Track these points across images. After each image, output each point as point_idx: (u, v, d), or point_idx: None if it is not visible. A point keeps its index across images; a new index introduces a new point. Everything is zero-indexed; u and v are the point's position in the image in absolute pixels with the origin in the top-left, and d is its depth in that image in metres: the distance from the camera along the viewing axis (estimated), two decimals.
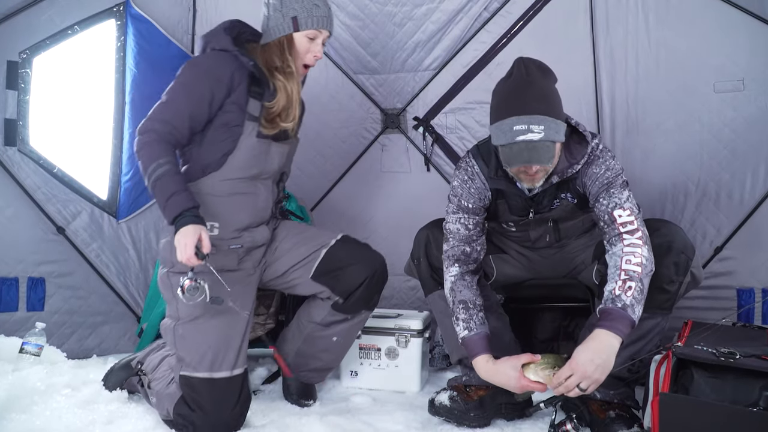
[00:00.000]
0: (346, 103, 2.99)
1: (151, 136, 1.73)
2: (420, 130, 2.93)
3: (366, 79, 2.97)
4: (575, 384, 1.55)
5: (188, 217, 1.67)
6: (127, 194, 2.72)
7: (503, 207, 1.95)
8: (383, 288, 2.07)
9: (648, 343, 1.77)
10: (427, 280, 2.00)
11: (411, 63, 2.91)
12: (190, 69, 1.82)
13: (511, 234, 2.05)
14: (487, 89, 2.74)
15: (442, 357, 2.56)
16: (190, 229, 1.65)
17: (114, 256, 2.71)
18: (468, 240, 1.90)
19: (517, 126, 1.63)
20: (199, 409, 1.73)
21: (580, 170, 1.80)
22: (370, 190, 2.98)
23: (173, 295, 1.78)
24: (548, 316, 2.41)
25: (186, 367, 1.78)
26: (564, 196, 1.87)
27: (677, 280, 1.73)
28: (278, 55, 1.87)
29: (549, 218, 1.93)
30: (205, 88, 1.77)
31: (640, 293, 1.59)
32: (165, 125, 1.74)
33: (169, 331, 1.84)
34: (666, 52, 2.54)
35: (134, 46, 2.70)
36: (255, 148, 1.85)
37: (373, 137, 3.01)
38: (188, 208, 1.68)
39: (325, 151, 3.01)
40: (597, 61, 2.66)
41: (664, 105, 2.56)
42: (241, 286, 1.87)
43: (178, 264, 1.71)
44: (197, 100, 1.77)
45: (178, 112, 1.76)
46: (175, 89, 1.79)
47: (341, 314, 2.02)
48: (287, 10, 1.84)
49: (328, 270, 1.96)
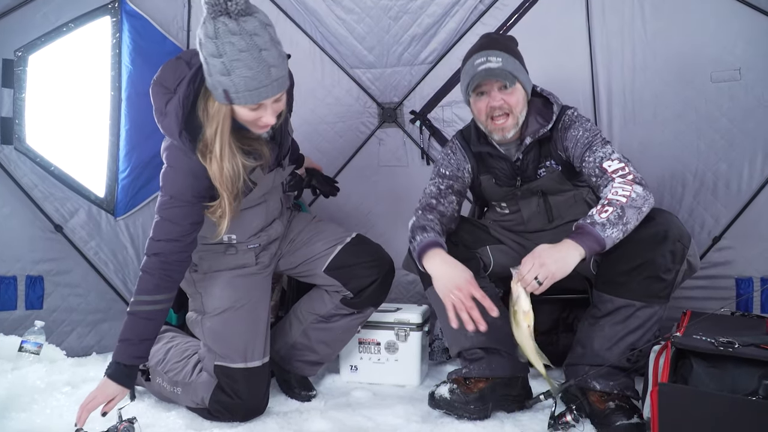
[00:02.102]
0: (343, 97, 2.98)
1: (154, 263, 1.70)
2: (417, 123, 2.92)
3: (362, 73, 2.96)
4: (530, 268, 1.59)
5: (120, 371, 1.67)
6: (125, 191, 2.71)
7: (489, 182, 2.03)
8: (390, 287, 2.11)
9: (646, 332, 1.76)
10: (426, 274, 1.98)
11: (407, 57, 2.89)
12: (168, 180, 1.71)
13: (506, 220, 2.06)
14: None
15: (442, 350, 2.56)
16: (110, 386, 1.67)
17: (112, 254, 2.70)
18: (437, 196, 2.01)
19: (477, 60, 1.87)
20: (236, 396, 1.83)
21: (556, 135, 1.92)
22: (367, 185, 2.98)
23: (196, 290, 1.92)
24: (547, 309, 2.40)
25: (221, 358, 1.87)
26: (548, 163, 1.95)
27: (674, 269, 1.73)
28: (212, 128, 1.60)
29: (537, 189, 1.99)
30: (189, 192, 1.68)
31: (618, 218, 1.63)
32: (169, 244, 1.70)
33: (197, 324, 1.94)
34: (662, 43, 2.53)
35: (130, 43, 2.69)
36: (262, 185, 1.87)
37: (370, 131, 3.00)
38: (125, 363, 1.68)
39: (322, 146, 3.00)
40: (593, 53, 2.64)
41: (661, 95, 2.54)
42: (260, 278, 1.97)
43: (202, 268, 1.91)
44: (189, 206, 1.70)
45: (177, 225, 1.70)
46: (166, 203, 1.70)
47: (348, 309, 2.04)
48: (215, 82, 1.51)
49: (341, 265, 2.00)
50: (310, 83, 2.92)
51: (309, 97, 2.90)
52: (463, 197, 2.11)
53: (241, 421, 1.88)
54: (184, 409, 1.93)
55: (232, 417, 1.86)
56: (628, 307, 1.76)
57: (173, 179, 1.69)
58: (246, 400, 1.85)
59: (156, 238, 1.71)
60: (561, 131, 1.92)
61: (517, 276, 1.65)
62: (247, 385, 1.85)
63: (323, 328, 2.07)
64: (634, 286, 1.74)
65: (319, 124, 2.97)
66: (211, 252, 1.94)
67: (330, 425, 1.86)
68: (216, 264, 1.95)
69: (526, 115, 1.96)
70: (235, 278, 1.92)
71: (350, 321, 2.08)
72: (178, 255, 1.72)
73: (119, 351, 1.69)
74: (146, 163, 2.73)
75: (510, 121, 1.90)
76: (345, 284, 2.01)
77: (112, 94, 2.69)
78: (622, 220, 1.64)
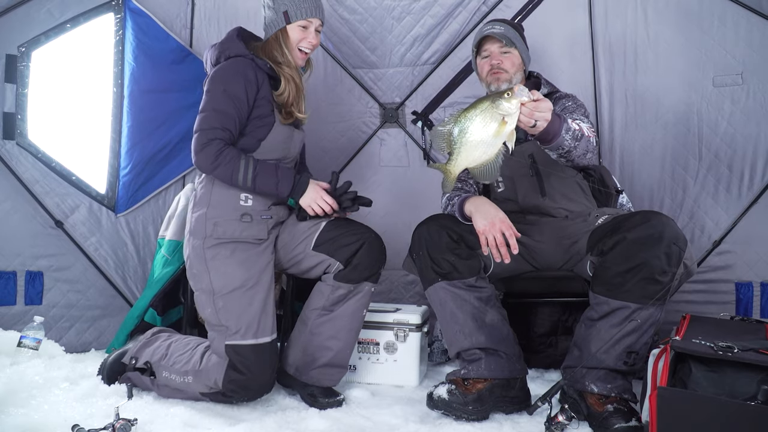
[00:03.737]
0: (345, 97, 2.98)
1: (217, 144, 1.92)
2: (419, 124, 2.91)
3: (365, 73, 2.96)
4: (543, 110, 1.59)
5: (302, 179, 2.00)
6: (126, 188, 2.71)
7: None
8: (384, 261, 2.11)
9: (643, 334, 1.76)
10: (426, 273, 1.99)
11: (409, 57, 2.89)
12: (223, 77, 1.97)
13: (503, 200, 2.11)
14: None
15: (441, 351, 2.56)
16: (312, 188, 2.00)
17: (112, 250, 2.70)
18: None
19: (485, 28, 2.17)
20: (248, 372, 1.88)
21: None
22: (368, 185, 2.97)
23: (206, 267, 1.96)
24: (546, 311, 2.40)
25: (232, 336, 1.91)
26: None
27: (669, 271, 1.73)
28: (278, 50, 2.06)
29: (527, 154, 2.09)
30: (241, 90, 1.95)
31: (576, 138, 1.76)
32: (223, 132, 1.93)
33: (207, 304, 1.96)
34: (665, 46, 2.53)
35: (133, 40, 2.69)
36: (283, 132, 2.06)
37: (372, 131, 3.00)
38: (294, 173, 1.99)
39: (324, 145, 3.00)
40: (596, 56, 2.65)
41: (663, 99, 2.55)
42: (267, 258, 2.02)
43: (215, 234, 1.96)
44: (239, 102, 1.95)
45: (227, 116, 1.94)
46: (217, 97, 1.95)
47: (344, 284, 2.03)
48: (279, 6, 2.04)
49: (326, 239, 2.05)
50: (312, 82, 2.90)
51: (311, 97, 2.89)
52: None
53: (252, 398, 1.94)
54: (183, 406, 1.93)
55: (245, 394, 1.91)
56: (624, 309, 1.76)
57: (228, 80, 1.95)
58: (258, 376, 1.90)
59: (207, 127, 1.92)
60: (555, 100, 2.13)
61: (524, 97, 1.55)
62: (258, 360, 1.90)
63: (328, 320, 2.04)
64: (629, 287, 1.74)
65: (322, 123, 2.97)
66: (226, 219, 1.98)
67: (328, 424, 1.85)
68: (230, 231, 1.98)
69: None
70: (247, 257, 1.97)
71: (352, 305, 2.05)
72: (229, 141, 1.95)
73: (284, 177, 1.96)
74: (148, 160, 2.73)
75: (505, 75, 2.11)
76: (332, 255, 2.03)
77: (115, 91, 2.69)
78: (576, 140, 1.76)
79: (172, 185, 2.84)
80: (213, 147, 1.91)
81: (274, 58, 2.05)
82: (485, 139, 1.59)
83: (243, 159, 1.93)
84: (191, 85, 2.71)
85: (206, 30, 2.90)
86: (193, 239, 2.01)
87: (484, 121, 1.58)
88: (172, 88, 2.70)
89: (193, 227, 2.03)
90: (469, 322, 1.93)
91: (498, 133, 1.57)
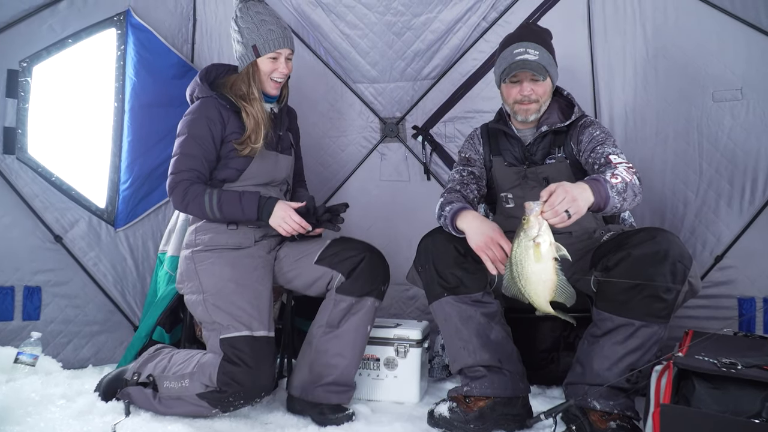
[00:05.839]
0: (345, 111, 3.00)
1: (184, 185, 2.04)
2: (419, 139, 2.93)
3: (365, 87, 2.98)
4: (562, 198, 1.55)
5: (269, 201, 2.04)
6: (125, 203, 2.72)
7: (500, 164, 2.17)
8: (387, 278, 2.14)
9: (646, 352, 1.76)
10: (432, 287, 1.98)
11: (410, 72, 2.91)
12: (189, 121, 2.11)
13: (512, 216, 2.09)
14: (486, 98, 2.82)
15: (442, 367, 2.54)
16: (279, 208, 2.03)
17: (111, 265, 2.69)
18: (460, 182, 2.14)
19: (516, 50, 2.03)
20: (243, 363, 1.87)
21: (573, 130, 2.07)
22: (369, 200, 2.98)
23: (195, 271, 2.05)
24: (548, 327, 2.39)
25: (226, 330, 1.94)
26: (558, 153, 2.09)
27: (674, 289, 1.73)
28: (245, 82, 2.15)
29: (543, 176, 2.07)
30: (205, 131, 2.08)
31: (622, 190, 1.68)
32: (190, 173, 2.06)
33: (199, 304, 2.01)
34: (664, 62, 2.55)
35: (134, 55, 2.71)
36: (265, 161, 2.16)
37: (372, 146, 3.01)
38: (259, 197, 2.04)
39: (324, 160, 3.01)
40: (595, 71, 2.67)
41: (663, 114, 2.56)
42: (260, 261, 2.09)
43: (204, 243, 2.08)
44: (204, 142, 2.08)
45: (194, 158, 2.07)
46: (183, 141, 2.09)
47: (347, 297, 2.05)
48: (247, 41, 2.12)
49: (329, 254, 2.11)
50: (313, 97, 2.94)
51: (312, 111, 2.91)
52: (482, 186, 2.19)
53: (248, 396, 1.88)
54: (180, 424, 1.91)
55: (240, 389, 1.86)
56: (627, 326, 1.75)
57: (193, 123, 2.09)
58: (253, 368, 1.87)
59: (175, 171, 2.06)
60: (580, 127, 2.07)
61: (536, 208, 1.57)
62: (253, 352, 1.89)
63: (333, 337, 2.05)
64: (634, 304, 1.74)
65: (322, 138, 2.99)
66: (213, 228, 2.10)
67: None
68: (217, 239, 2.09)
69: (548, 107, 2.11)
70: (234, 258, 2.05)
71: (357, 321, 2.06)
72: (197, 181, 2.06)
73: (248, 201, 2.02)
74: (147, 174, 2.75)
75: (534, 106, 2.06)
76: (335, 267, 2.08)
77: (116, 106, 2.71)
78: (623, 194, 1.69)
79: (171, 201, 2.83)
80: (180, 188, 2.04)
81: (238, 93, 2.14)
82: (536, 271, 1.60)
83: (207, 193, 2.02)
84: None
85: (207, 45, 2.93)
86: (185, 251, 2.13)
87: (524, 257, 1.60)
88: (172, 102, 2.71)
89: (186, 241, 2.17)
90: (474, 338, 1.92)
91: (539, 258, 1.58)
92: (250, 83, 2.13)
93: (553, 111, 2.13)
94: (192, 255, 2.09)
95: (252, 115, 2.11)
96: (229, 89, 2.16)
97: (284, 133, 2.28)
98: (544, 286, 1.61)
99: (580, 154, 2.03)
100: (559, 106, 2.15)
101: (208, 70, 2.21)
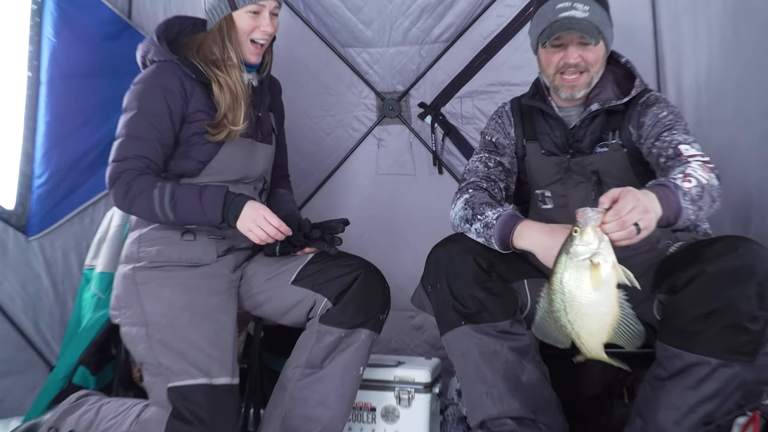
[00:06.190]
0: (332, 84, 3.00)
1: (129, 175, 1.98)
2: (427, 120, 2.93)
3: (357, 53, 2.98)
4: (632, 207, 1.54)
5: (236, 199, 1.98)
6: (41, 203, 2.70)
7: (536, 152, 2.17)
8: (387, 304, 2.13)
9: (726, 400, 1.75)
10: (445, 313, 1.97)
11: (416, 33, 2.91)
12: (139, 92, 2.06)
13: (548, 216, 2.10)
14: (515, 66, 2.81)
15: (458, 419, 2.52)
16: (250, 207, 1.97)
17: (21, 285, 2.67)
18: (486, 176, 2.13)
19: (560, 4, 1.97)
20: (198, 422, 1.84)
21: (633, 110, 2.06)
22: (361, 199, 2.98)
23: (137, 294, 2.00)
24: (598, 366, 2.36)
25: (176, 376, 1.90)
26: (612, 139, 2.08)
27: (761, 317, 1.72)
28: (218, 44, 2.09)
29: (591, 169, 2.07)
30: (161, 106, 2.03)
31: (697, 197, 1.69)
32: (138, 160, 2.00)
33: (140, 339, 1.97)
34: (745, 18, 2.54)
35: (54, 10, 2.70)
36: (237, 151, 2.12)
37: (367, 129, 3.01)
38: (225, 192, 1.98)
39: (304, 147, 3.00)
40: (658, 29, 2.67)
41: (745, 86, 2.55)
42: (223, 283, 2.06)
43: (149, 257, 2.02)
44: (159, 122, 2.03)
45: (144, 142, 2.01)
46: (132, 119, 2.03)
47: (334, 328, 2.02)
48: None
49: (311, 272, 2.09)
50: (289, 66, 2.92)
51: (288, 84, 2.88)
52: (511, 183, 2.20)
53: None
54: None
55: None
56: (701, 365, 1.74)
57: (145, 95, 2.03)
58: (211, 427, 1.85)
59: (119, 158, 1.99)
60: (642, 106, 2.07)
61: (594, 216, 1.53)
62: (211, 405, 1.86)
63: (314, 380, 2.03)
64: (709, 337, 1.73)
65: (301, 118, 2.98)
66: (162, 238, 2.05)
67: None
68: (167, 253, 2.04)
69: (600, 79, 2.09)
70: (189, 279, 2.01)
71: (346, 359, 2.04)
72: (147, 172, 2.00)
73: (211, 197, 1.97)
74: (70, 166, 2.73)
75: (583, 78, 2.04)
76: (318, 289, 2.05)
77: (30, 76, 2.69)
78: (698, 202, 1.70)
79: (102, 199, 2.83)
80: (124, 180, 1.98)
81: (208, 57, 2.08)
82: (592, 302, 1.55)
83: (157, 187, 1.97)
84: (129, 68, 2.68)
85: None
86: (124, 267, 2.08)
87: (575, 283, 1.54)
88: (103, 72, 2.71)
89: (126, 253, 2.11)
90: (500, 381, 1.91)
91: (597, 282, 1.53)
92: (225, 44, 2.08)
93: (607, 84, 2.11)
94: (133, 273, 2.05)
95: (228, 88, 2.06)
96: (195, 52, 2.11)
97: (264, 113, 2.26)
98: (602, 323, 1.55)
99: (641, 141, 2.03)
100: (614, 77, 2.13)
101: (169, 25, 2.16)
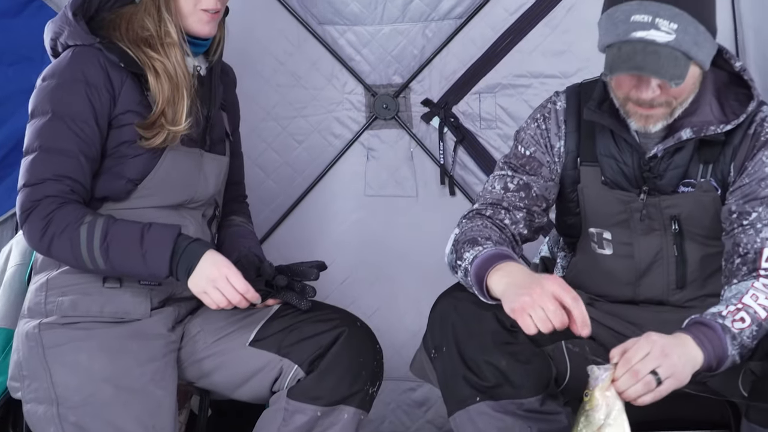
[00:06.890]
0: (307, 74, 3.02)
1: (48, 206, 1.94)
2: (435, 122, 2.94)
3: (340, 33, 2.99)
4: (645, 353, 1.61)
5: (190, 247, 1.95)
6: None
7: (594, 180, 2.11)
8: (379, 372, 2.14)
9: None
10: (455, 385, 1.96)
11: (419, 6, 2.92)
12: (51, 89, 2.03)
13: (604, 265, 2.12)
14: (552, 52, 2.83)
15: None
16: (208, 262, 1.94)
17: None
18: (497, 201, 2.11)
19: (636, 16, 1.81)
20: None
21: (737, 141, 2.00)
22: (344, 231, 3.00)
23: (44, 361, 1.98)
24: None
25: None
26: (702, 176, 2.04)
27: None
28: (152, 16, 2.08)
29: (669, 213, 2.05)
30: (84, 106, 2.00)
31: (750, 338, 1.75)
32: (60, 182, 1.96)
33: (50, 421, 1.96)
34: None
35: None
36: (180, 163, 2.11)
37: (353, 135, 3.02)
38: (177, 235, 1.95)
39: (268, 159, 3.02)
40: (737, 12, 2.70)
41: None
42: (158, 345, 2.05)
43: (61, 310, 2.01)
44: (82, 128, 1.99)
45: (67, 156, 1.97)
46: (46, 127, 2.00)
47: (307, 405, 2.03)
48: None
49: (276, 330, 2.10)
50: (248, 49, 2.95)
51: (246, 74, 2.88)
52: (541, 214, 2.16)
53: None
54: None
55: None
56: None
57: (60, 93, 2.01)
58: None
59: (32, 181, 1.96)
60: (752, 139, 2.01)
61: (602, 376, 1.64)
62: None
63: None
64: None
65: (263, 120, 3.00)
66: (78, 284, 2.03)
67: None
68: (85, 305, 2.02)
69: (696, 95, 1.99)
70: (114, 340, 1.99)
71: None
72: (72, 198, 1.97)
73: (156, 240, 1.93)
74: None
75: (662, 111, 1.94)
76: (286, 354, 2.06)
77: None
78: (748, 346, 1.76)
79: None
80: (40, 213, 1.94)
81: (139, 35, 2.06)
82: None
83: (84, 224, 1.94)
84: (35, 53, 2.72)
85: None
86: (27, 323, 2.05)
87: None
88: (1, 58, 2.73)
89: (30, 304, 2.09)
90: None
91: None
92: (161, 16, 2.06)
93: (704, 101, 2.01)
94: (39, 333, 2.02)
95: (167, 74, 2.05)
96: (122, 33, 2.08)
97: (216, 113, 2.24)
98: None
99: (730, 189, 2.01)
100: (715, 88, 2.04)
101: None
